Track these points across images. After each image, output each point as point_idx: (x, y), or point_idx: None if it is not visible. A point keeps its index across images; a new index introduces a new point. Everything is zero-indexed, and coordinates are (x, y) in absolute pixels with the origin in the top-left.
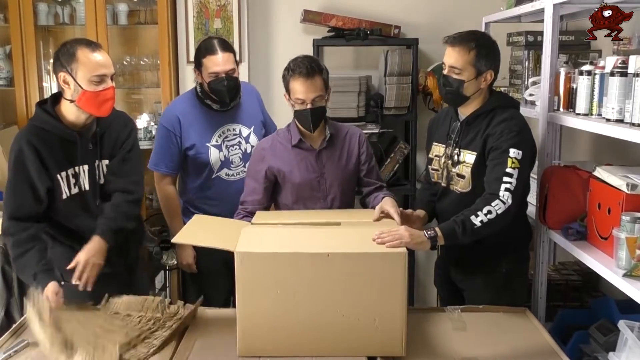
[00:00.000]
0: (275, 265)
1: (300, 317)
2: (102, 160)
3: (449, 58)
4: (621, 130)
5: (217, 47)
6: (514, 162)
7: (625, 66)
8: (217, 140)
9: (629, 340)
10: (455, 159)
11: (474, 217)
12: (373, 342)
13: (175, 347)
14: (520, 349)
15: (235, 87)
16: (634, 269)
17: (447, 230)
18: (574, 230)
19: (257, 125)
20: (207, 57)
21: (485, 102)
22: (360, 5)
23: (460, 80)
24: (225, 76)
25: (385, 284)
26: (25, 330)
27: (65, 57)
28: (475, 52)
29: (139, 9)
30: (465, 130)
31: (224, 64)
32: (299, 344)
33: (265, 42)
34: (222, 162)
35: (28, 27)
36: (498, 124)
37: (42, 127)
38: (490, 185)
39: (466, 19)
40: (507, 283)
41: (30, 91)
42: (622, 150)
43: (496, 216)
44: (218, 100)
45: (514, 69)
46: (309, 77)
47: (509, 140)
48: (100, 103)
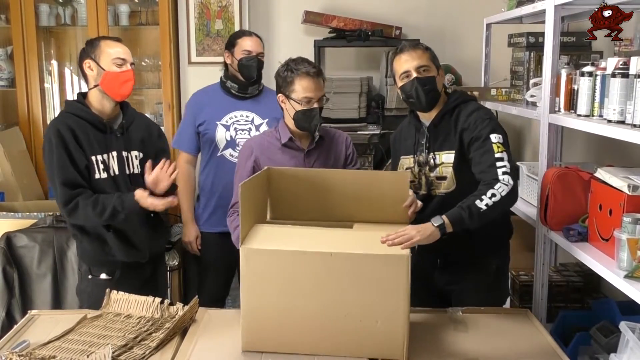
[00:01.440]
0: (279, 262)
1: (303, 314)
2: (131, 152)
3: (412, 61)
4: (622, 131)
5: (251, 32)
6: (499, 146)
7: (627, 67)
8: (227, 121)
9: (630, 342)
10: (431, 164)
11: (479, 202)
12: (374, 344)
13: (176, 348)
14: (522, 350)
15: (261, 69)
16: (635, 270)
17: (454, 217)
18: (575, 232)
19: (273, 120)
20: (242, 37)
21: (446, 101)
22: (362, 6)
23: (432, 77)
24: (257, 55)
25: (388, 286)
26: (26, 331)
27: (90, 48)
28: (429, 51)
29: (140, 9)
30: (434, 133)
31: (257, 46)
32: (301, 342)
33: (266, 43)
34: (228, 141)
35: (29, 28)
36: (468, 117)
37: (74, 113)
38: (486, 173)
39: (467, 20)
40: (497, 279)
41: (31, 92)
42: (624, 152)
43: (501, 198)
44: (243, 79)
45: (515, 70)
46: (318, 76)
47: (486, 127)
48: (120, 84)
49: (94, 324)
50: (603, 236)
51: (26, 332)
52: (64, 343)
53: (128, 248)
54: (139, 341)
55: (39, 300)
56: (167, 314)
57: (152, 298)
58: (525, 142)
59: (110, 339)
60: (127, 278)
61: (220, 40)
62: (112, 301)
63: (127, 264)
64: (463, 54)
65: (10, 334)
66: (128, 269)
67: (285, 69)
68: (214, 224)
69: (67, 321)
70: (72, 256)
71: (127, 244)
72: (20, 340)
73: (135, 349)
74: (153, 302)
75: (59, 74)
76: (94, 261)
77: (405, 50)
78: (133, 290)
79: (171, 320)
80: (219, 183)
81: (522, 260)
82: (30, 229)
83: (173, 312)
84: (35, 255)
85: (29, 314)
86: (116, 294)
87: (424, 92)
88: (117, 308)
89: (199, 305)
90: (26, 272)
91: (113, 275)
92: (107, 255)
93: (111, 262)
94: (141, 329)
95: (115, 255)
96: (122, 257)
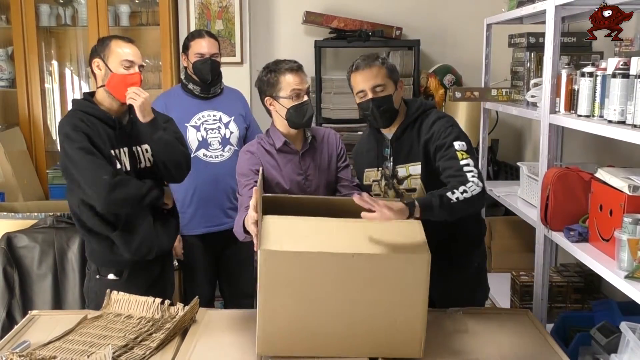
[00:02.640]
0: (299, 264)
1: (322, 316)
2: (142, 145)
3: (367, 81)
4: (623, 131)
5: (204, 33)
6: (463, 154)
7: (627, 68)
8: (195, 122)
9: (630, 342)
10: (399, 177)
11: (450, 194)
12: (392, 343)
13: (176, 348)
14: (522, 350)
15: (216, 69)
16: (635, 271)
17: (425, 201)
18: (575, 232)
19: (238, 117)
20: (194, 40)
21: (407, 113)
22: (362, 6)
23: (388, 96)
24: (210, 57)
25: (408, 285)
26: (27, 331)
27: (99, 47)
28: (385, 66)
29: (141, 10)
30: (398, 146)
31: (209, 48)
32: (318, 345)
33: (266, 43)
34: (200, 142)
35: (30, 29)
36: (430, 127)
37: (85, 111)
38: (455, 177)
39: (467, 20)
40: (479, 277)
41: (32, 92)
42: (624, 152)
43: (472, 196)
44: (200, 81)
45: (515, 71)
46: (300, 70)
47: (449, 135)
48: (126, 86)
49: (94, 325)
50: (603, 236)
51: (27, 332)
52: (65, 343)
53: (135, 244)
54: (139, 341)
55: (40, 301)
56: (168, 315)
57: (152, 298)
58: (526, 143)
59: (110, 339)
60: (135, 278)
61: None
62: (113, 302)
63: (136, 264)
64: (463, 55)
65: (11, 335)
66: (136, 269)
67: (267, 73)
68: (194, 226)
69: (68, 321)
70: (72, 256)
71: (134, 240)
72: (20, 340)
73: (135, 350)
74: (153, 302)
75: (60, 74)
76: (102, 261)
77: (360, 68)
78: (141, 291)
79: (171, 321)
80: (195, 184)
81: (522, 261)
82: (31, 229)
83: (173, 312)
84: (35, 256)
85: (30, 315)
86: (117, 295)
87: (379, 112)
88: (118, 308)
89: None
90: (26, 272)
91: (121, 275)
92: (114, 254)
93: (119, 262)
94: (141, 330)
95: (123, 254)
96: (128, 255)
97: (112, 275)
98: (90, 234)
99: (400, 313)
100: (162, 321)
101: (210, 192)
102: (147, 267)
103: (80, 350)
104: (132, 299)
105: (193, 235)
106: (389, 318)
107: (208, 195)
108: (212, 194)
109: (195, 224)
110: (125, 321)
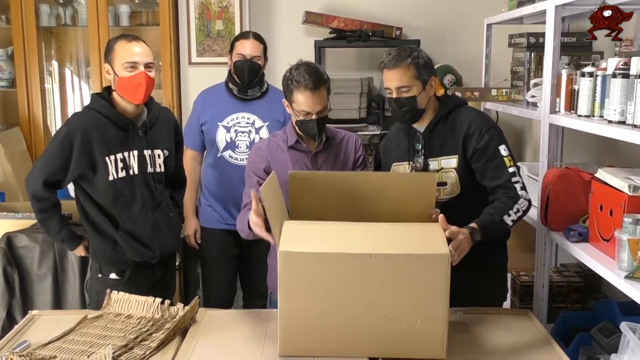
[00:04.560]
0: (318, 265)
1: (342, 317)
2: (155, 150)
3: (392, 81)
4: (623, 131)
5: (250, 35)
6: (509, 159)
7: (627, 68)
8: (228, 123)
9: (631, 342)
10: (430, 170)
11: (507, 217)
12: (414, 344)
13: (176, 349)
14: (522, 351)
15: (256, 72)
16: (636, 271)
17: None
18: (575, 232)
19: (274, 123)
20: (239, 40)
21: (439, 107)
22: (362, 6)
23: (412, 97)
24: (250, 59)
25: (428, 285)
26: (27, 331)
27: (107, 51)
28: (414, 65)
29: (141, 10)
30: (430, 139)
31: (252, 49)
32: (339, 345)
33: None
34: (228, 143)
35: (30, 29)
36: (470, 124)
37: (98, 110)
38: (505, 189)
39: (468, 20)
40: (500, 278)
41: (32, 92)
42: (624, 152)
43: (522, 213)
44: (239, 81)
45: (515, 71)
46: (316, 90)
47: (493, 138)
48: (133, 88)
49: (94, 325)
50: (604, 237)
51: (27, 332)
52: (65, 343)
53: (138, 247)
54: (139, 341)
55: (40, 301)
56: (168, 315)
57: (152, 298)
58: (526, 143)
59: (110, 339)
60: (136, 279)
61: (220, 41)
62: (113, 301)
63: (138, 265)
64: (463, 55)
65: (11, 334)
66: (139, 269)
67: (289, 77)
68: (215, 220)
69: (68, 321)
70: (72, 256)
71: (137, 243)
72: (20, 340)
73: (135, 350)
74: (153, 302)
75: (60, 74)
76: (104, 260)
77: (387, 67)
78: (142, 291)
79: (172, 321)
80: (219, 182)
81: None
82: (31, 229)
83: (173, 312)
84: (35, 256)
85: (30, 314)
86: (117, 295)
87: (401, 112)
88: (118, 308)
89: (201, 306)
90: (27, 272)
91: (123, 275)
92: (117, 253)
93: (122, 262)
94: (141, 329)
95: (126, 254)
96: (133, 256)
97: (114, 274)
98: (94, 230)
99: (421, 313)
100: (162, 321)
101: (231, 193)
102: (150, 268)
103: (80, 350)
104: (132, 299)
105: (213, 229)
106: (410, 318)
107: (229, 194)
108: (232, 194)
109: (216, 219)
110: (125, 321)
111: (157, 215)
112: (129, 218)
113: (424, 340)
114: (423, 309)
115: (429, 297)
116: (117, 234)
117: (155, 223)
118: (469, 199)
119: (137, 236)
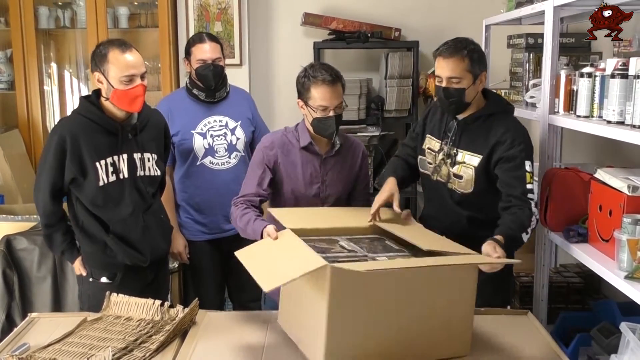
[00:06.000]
0: (366, 281)
1: (384, 327)
2: (144, 154)
3: (445, 70)
4: (622, 132)
5: (205, 37)
6: (530, 176)
7: (626, 68)
8: (202, 129)
9: (630, 343)
10: (453, 159)
11: (525, 235)
12: (444, 345)
13: (176, 350)
14: (522, 351)
15: (220, 74)
16: (635, 271)
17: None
18: (575, 232)
19: (245, 121)
20: (195, 45)
21: (483, 106)
22: (361, 8)
23: (461, 89)
24: (212, 63)
25: (460, 290)
26: (26, 334)
27: (98, 58)
28: (469, 58)
29: (140, 12)
30: (463, 131)
31: (211, 52)
32: (380, 354)
33: (265, 45)
34: (206, 149)
35: (29, 31)
36: (505, 132)
37: (86, 116)
38: (519, 200)
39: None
40: (506, 277)
41: (31, 95)
42: (623, 152)
43: (532, 230)
44: (204, 87)
45: (514, 71)
46: (334, 84)
47: (522, 152)
48: (130, 100)
49: (94, 327)
50: (603, 237)
51: (26, 334)
52: (64, 346)
53: (129, 250)
54: (139, 344)
55: (39, 303)
56: (167, 317)
57: (152, 300)
58: None
59: (110, 341)
60: (128, 282)
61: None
62: (112, 304)
63: (129, 268)
64: None
65: (10, 337)
66: (129, 272)
67: (304, 75)
68: (199, 233)
69: (67, 324)
70: None
71: (128, 246)
72: (20, 343)
73: (135, 352)
74: (153, 304)
75: (59, 76)
76: (95, 264)
77: (442, 55)
78: (133, 295)
79: (171, 323)
80: (201, 192)
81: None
82: (30, 231)
83: (173, 314)
84: (35, 258)
85: (29, 317)
86: (116, 297)
87: (447, 102)
88: (117, 311)
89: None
90: (26, 274)
91: (114, 279)
92: (108, 257)
93: (112, 265)
94: (141, 332)
95: (117, 258)
96: (123, 260)
97: (105, 278)
98: (84, 234)
99: (452, 316)
100: (162, 323)
101: (216, 200)
102: (141, 271)
103: (80, 352)
104: (132, 301)
105: (199, 241)
106: (443, 322)
107: (213, 202)
108: (217, 200)
109: (202, 230)
110: (124, 323)
111: (147, 218)
112: (120, 221)
113: (454, 339)
114: (454, 312)
115: (459, 301)
116: (108, 237)
117: (146, 226)
118: (480, 200)
119: (127, 239)
